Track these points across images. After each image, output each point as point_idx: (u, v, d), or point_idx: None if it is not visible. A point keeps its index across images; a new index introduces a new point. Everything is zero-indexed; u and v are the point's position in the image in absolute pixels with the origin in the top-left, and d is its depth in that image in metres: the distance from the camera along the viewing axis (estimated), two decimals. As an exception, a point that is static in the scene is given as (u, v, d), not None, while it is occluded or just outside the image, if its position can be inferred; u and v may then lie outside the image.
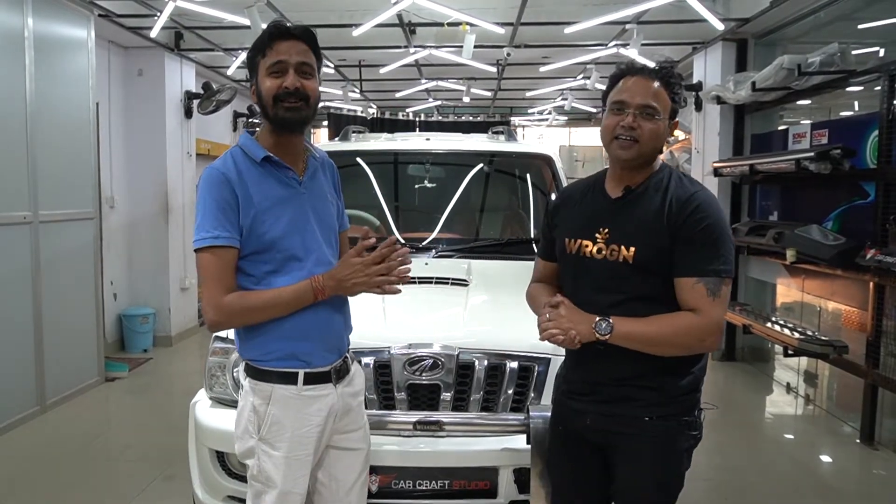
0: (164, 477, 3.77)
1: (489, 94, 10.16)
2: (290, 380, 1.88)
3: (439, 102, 11.10)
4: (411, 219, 4.01)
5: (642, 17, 5.73)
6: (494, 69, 7.96)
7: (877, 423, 4.37)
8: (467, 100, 10.19)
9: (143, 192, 6.82)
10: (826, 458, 4.39)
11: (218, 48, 6.94)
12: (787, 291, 5.72)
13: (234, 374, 2.58)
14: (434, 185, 4.10)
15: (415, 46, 6.83)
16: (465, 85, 9.08)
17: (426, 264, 3.22)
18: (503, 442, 2.38)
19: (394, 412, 2.40)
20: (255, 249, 1.86)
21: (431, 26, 6.20)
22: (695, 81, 6.79)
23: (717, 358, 6.47)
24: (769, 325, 4.97)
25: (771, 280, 5.97)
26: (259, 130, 1.98)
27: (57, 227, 4.94)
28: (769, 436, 4.77)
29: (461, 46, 6.07)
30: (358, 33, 5.80)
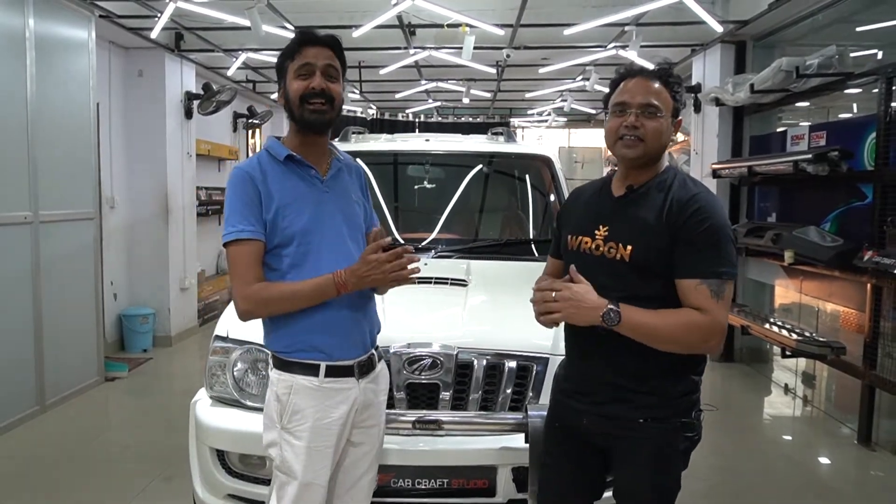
0: (164, 477, 3.78)
1: (489, 95, 10.18)
2: (311, 371, 1.96)
3: (439, 103, 11.12)
4: (411, 219, 4.02)
5: (641, 18, 5.75)
6: (494, 70, 7.98)
7: (874, 424, 4.38)
8: (467, 101, 10.20)
9: (143, 193, 6.83)
10: (824, 459, 4.40)
11: (218, 49, 6.95)
12: (786, 293, 5.74)
13: (235, 374, 2.59)
14: (433, 185, 4.12)
15: (414, 48, 6.84)
16: (465, 86, 9.09)
17: (425, 264, 3.21)
18: (501, 441, 2.39)
19: (393, 411, 2.40)
20: (277, 243, 1.95)
21: (431, 28, 6.21)
22: (694, 83, 6.80)
23: (716, 359, 6.48)
24: (767, 326, 4.99)
25: (769, 281, 5.98)
26: (285, 134, 2.08)
27: (57, 228, 4.95)
28: (767, 437, 4.78)
29: (461, 48, 6.08)
30: (358, 34, 5.81)
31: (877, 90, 4.29)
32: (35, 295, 4.73)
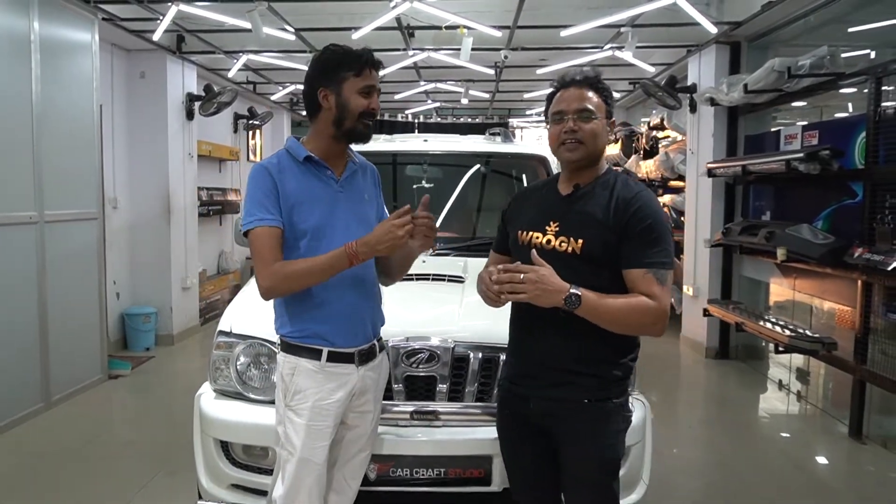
0: (167, 472, 3.86)
1: (487, 95, 10.25)
2: (314, 355, 2.12)
3: (438, 104, 11.20)
4: (409, 218, 4.08)
5: (636, 20, 5.82)
6: (492, 71, 8.06)
7: (865, 418, 4.46)
8: (466, 101, 10.29)
9: (145, 193, 6.92)
10: (816, 453, 4.47)
11: (219, 51, 7.03)
12: (780, 290, 5.81)
13: (238, 367, 2.67)
14: (432, 185, 4.19)
15: (413, 49, 6.92)
16: (464, 87, 9.18)
17: (423, 262, 3.30)
18: (496, 432, 2.47)
19: (391, 402, 2.48)
20: (293, 236, 2.11)
21: (429, 29, 6.29)
22: (689, 83, 6.88)
23: (712, 356, 6.56)
24: (761, 323, 5.07)
25: (764, 279, 6.06)
26: (307, 136, 2.22)
27: (62, 227, 5.03)
28: (762, 432, 4.85)
29: (459, 49, 6.16)
30: (357, 36, 5.88)
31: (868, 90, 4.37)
32: (40, 293, 4.81)
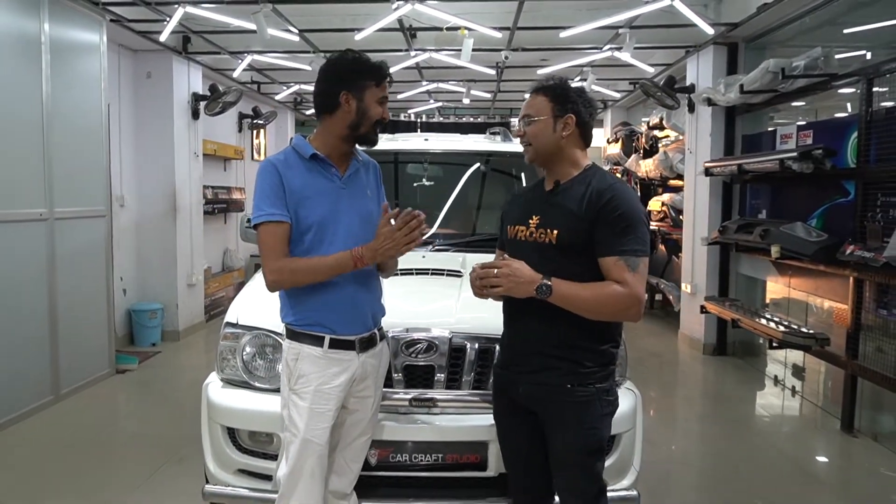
0: (174, 461, 3.97)
1: (489, 95, 10.34)
2: (317, 342, 2.24)
3: (440, 104, 11.28)
4: (410, 215, 4.18)
5: (634, 21, 5.91)
6: (493, 71, 8.15)
7: (856, 412, 4.55)
8: (467, 101, 10.38)
9: (151, 191, 7.04)
10: (807, 445, 4.57)
11: (224, 51, 7.14)
12: (776, 287, 5.90)
13: (244, 357, 2.77)
14: (432, 183, 4.29)
15: (415, 50, 7.03)
16: (465, 87, 9.27)
17: (423, 257, 3.40)
18: (492, 418, 2.57)
19: (391, 390, 2.58)
20: (298, 231, 2.23)
21: (431, 31, 6.39)
22: (688, 84, 6.98)
23: (709, 353, 6.66)
24: (756, 319, 5.16)
25: (761, 276, 6.15)
26: (313, 134, 2.34)
27: (71, 224, 5.15)
28: (756, 426, 4.95)
29: (460, 50, 6.26)
30: (360, 37, 5.99)
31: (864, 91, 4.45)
32: (50, 289, 4.93)
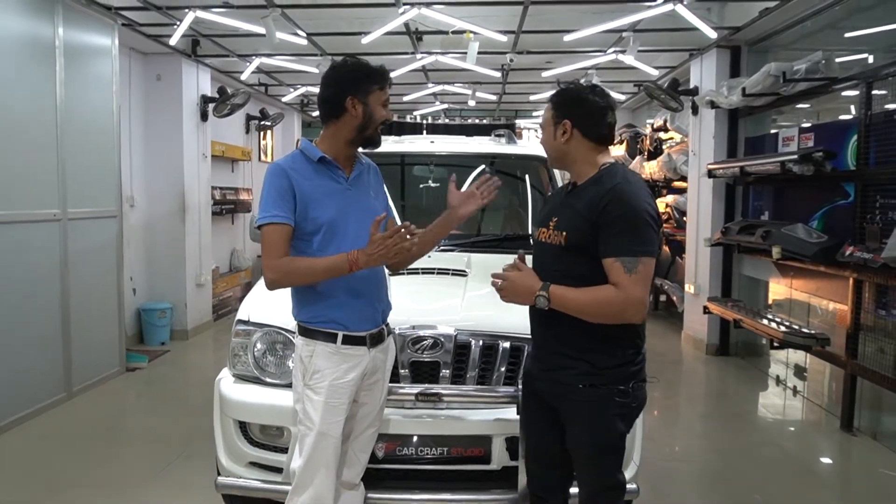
0: (185, 456, 4.06)
1: (494, 97, 10.42)
2: (330, 339, 2.32)
3: (446, 106, 11.36)
4: (416, 216, 4.25)
5: (637, 25, 5.98)
6: (499, 74, 8.22)
7: (856, 411, 4.61)
8: (473, 103, 10.46)
9: (161, 192, 7.14)
10: (806, 443, 4.64)
11: (232, 54, 7.24)
12: (778, 288, 5.96)
13: (255, 354, 2.85)
14: (437, 184, 4.37)
15: (421, 53, 7.11)
16: (471, 89, 9.35)
17: (429, 257, 3.45)
18: (496, 413, 2.66)
19: (398, 385, 2.66)
20: (307, 231, 2.31)
21: (437, 34, 6.47)
22: (692, 86, 7.03)
23: (712, 353, 6.71)
24: (758, 319, 5.22)
25: (763, 277, 6.20)
26: (319, 138, 2.43)
27: (83, 224, 5.25)
28: (756, 424, 5.01)
29: (466, 53, 6.34)
30: (367, 41, 6.08)
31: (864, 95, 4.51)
32: (63, 288, 5.02)
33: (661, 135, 8.85)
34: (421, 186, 4.38)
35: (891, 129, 4.28)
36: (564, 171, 2.53)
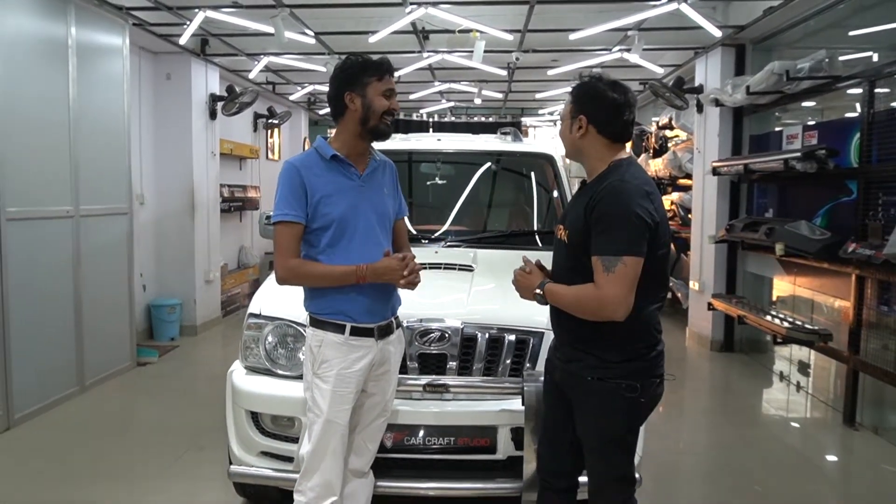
0: (197, 448, 4.14)
1: (500, 95, 10.46)
2: (339, 330, 2.40)
3: (452, 104, 11.41)
4: (423, 213, 4.34)
5: (643, 24, 6.02)
6: (504, 72, 8.27)
7: (858, 405, 4.65)
8: (479, 101, 10.51)
9: (170, 190, 7.22)
10: (809, 437, 4.69)
11: (241, 53, 7.31)
12: (782, 285, 5.99)
13: (266, 346, 2.92)
14: (444, 181, 4.43)
15: (428, 51, 7.17)
16: (477, 87, 9.39)
17: (436, 252, 3.55)
18: (501, 404, 2.73)
19: (406, 376, 2.73)
20: (318, 226, 2.40)
21: (443, 33, 6.53)
22: (696, 84, 7.07)
23: (717, 349, 6.76)
24: (762, 315, 5.27)
25: (767, 274, 6.24)
26: (332, 135, 2.50)
27: (95, 221, 5.33)
28: (759, 419, 5.06)
29: (472, 51, 6.40)
30: (374, 40, 6.15)
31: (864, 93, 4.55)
32: (76, 284, 5.11)
33: (667, 133, 8.89)
34: (428, 184, 4.44)
35: (893, 126, 4.32)
36: (570, 171, 2.60)
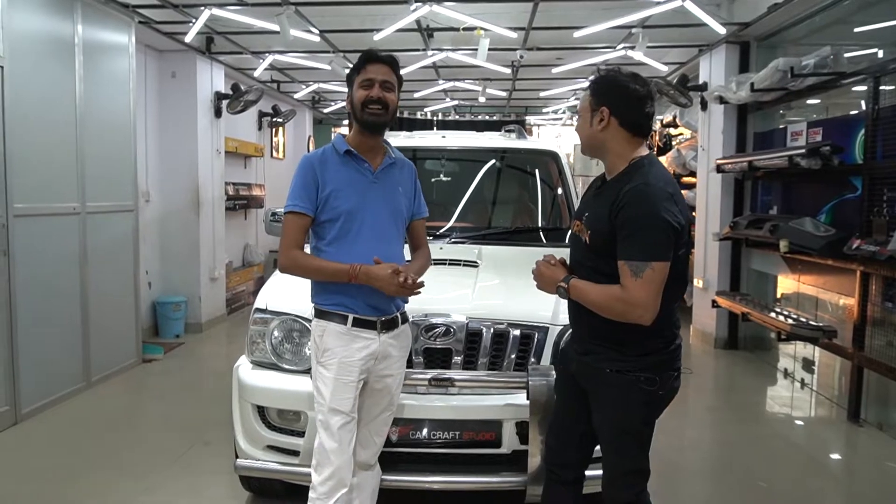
0: (203, 443, 4.16)
1: (504, 94, 10.47)
2: (342, 320, 2.46)
3: (456, 102, 11.43)
4: (428, 209, 4.34)
5: (647, 21, 6.03)
6: (509, 70, 8.28)
7: (862, 402, 4.65)
8: (483, 100, 10.51)
9: (175, 187, 7.24)
10: (813, 434, 4.70)
11: (246, 51, 7.34)
12: (787, 282, 5.99)
13: (272, 341, 2.94)
14: (449, 178, 4.45)
15: (432, 49, 7.19)
16: (481, 85, 9.40)
17: (441, 249, 3.57)
18: (506, 398, 2.74)
19: (412, 370, 2.75)
20: (328, 218, 2.46)
21: (448, 31, 6.55)
22: (701, 82, 7.07)
23: (721, 346, 6.76)
24: (766, 312, 5.27)
25: (771, 272, 6.24)
26: (349, 133, 2.60)
27: (101, 218, 5.35)
28: (763, 415, 5.06)
29: (476, 49, 6.41)
30: (379, 38, 6.16)
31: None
32: (82, 280, 5.14)
33: (671, 130, 8.89)
34: (433, 180, 4.45)
35: (898, 123, 4.32)
36: (574, 169, 2.60)
